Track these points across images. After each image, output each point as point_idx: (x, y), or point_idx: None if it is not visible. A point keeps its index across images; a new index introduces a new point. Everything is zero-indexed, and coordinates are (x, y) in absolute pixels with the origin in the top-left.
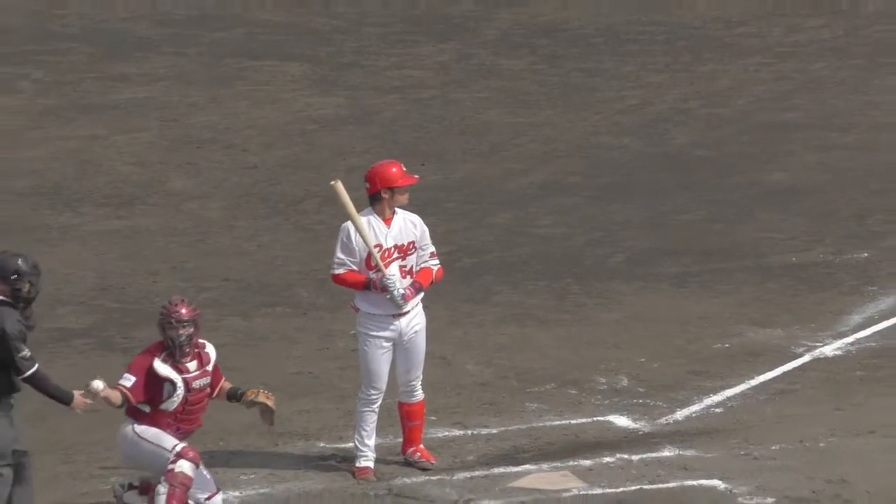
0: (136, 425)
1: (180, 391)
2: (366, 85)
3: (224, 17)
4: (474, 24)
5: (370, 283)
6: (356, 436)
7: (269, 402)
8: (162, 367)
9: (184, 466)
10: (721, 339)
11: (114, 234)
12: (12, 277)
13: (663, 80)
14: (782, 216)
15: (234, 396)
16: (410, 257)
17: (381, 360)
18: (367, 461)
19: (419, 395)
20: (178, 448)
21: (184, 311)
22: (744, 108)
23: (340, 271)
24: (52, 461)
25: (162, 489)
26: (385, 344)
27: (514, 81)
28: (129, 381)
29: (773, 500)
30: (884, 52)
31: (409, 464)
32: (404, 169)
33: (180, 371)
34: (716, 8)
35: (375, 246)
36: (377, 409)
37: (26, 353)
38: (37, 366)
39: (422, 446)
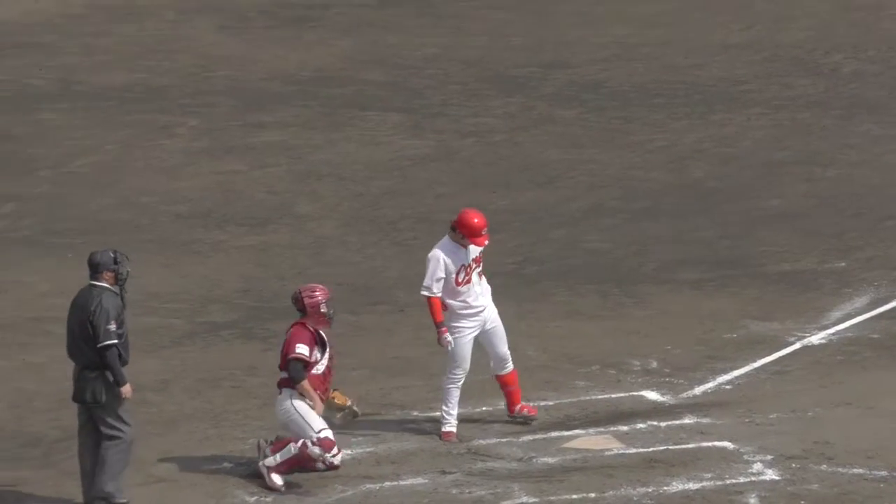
0: (294, 400)
1: (327, 355)
2: (449, 130)
3: (339, 77)
4: (535, 83)
5: (439, 329)
6: (443, 406)
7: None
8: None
9: (314, 452)
10: (730, 330)
11: (252, 248)
12: (113, 266)
13: (683, 126)
14: (777, 234)
15: None
16: (481, 264)
17: (466, 346)
18: (451, 427)
19: (510, 366)
20: (322, 434)
21: (319, 292)
22: (747, 148)
23: (427, 294)
24: (205, 426)
25: (293, 448)
26: (469, 334)
27: (566, 127)
28: (304, 349)
29: (771, 457)
30: (857, 106)
31: (484, 427)
32: (485, 230)
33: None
34: (725, 70)
35: (461, 267)
36: (461, 386)
37: (112, 326)
38: (115, 342)
39: (523, 402)
